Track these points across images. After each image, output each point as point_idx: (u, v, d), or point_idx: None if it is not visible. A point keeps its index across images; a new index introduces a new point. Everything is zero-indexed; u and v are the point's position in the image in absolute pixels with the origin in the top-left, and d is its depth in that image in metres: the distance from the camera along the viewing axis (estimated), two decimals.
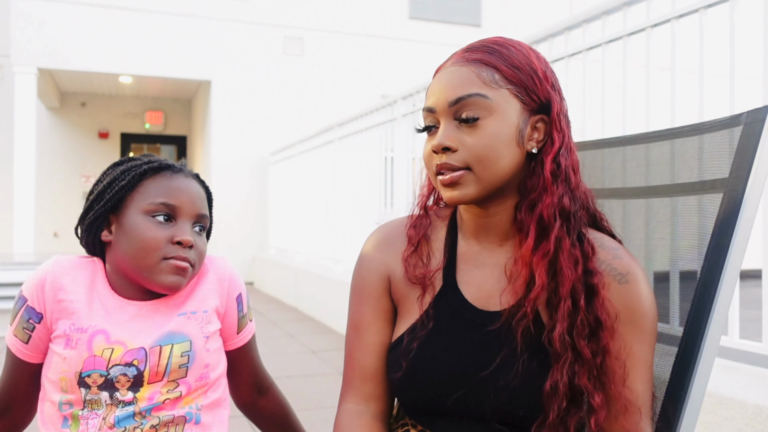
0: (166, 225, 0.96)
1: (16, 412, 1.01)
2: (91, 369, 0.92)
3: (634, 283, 0.85)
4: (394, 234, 0.98)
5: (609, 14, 2.54)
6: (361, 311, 0.96)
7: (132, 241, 0.95)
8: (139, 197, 0.97)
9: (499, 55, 0.85)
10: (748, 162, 0.91)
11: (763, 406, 1.64)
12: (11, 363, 0.99)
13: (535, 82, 0.85)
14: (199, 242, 0.99)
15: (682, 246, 1.00)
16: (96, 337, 0.93)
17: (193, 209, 0.99)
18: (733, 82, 2.05)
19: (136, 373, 0.93)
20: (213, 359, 1.01)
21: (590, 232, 0.89)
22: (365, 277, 0.97)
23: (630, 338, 0.84)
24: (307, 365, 3.79)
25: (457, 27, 9.34)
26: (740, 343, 1.97)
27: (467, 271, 0.92)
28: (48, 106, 9.68)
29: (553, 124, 0.86)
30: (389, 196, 4.92)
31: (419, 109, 4.32)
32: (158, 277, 0.95)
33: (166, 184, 0.98)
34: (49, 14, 7.72)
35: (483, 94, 0.83)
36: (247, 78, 8.44)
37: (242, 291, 1.09)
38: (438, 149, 0.85)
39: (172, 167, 1.01)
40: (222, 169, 8.34)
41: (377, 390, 0.95)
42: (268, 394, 1.16)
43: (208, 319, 1.01)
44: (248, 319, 1.10)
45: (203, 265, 1.05)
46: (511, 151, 0.84)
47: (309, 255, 6.46)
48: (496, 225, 0.90)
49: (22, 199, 7.45)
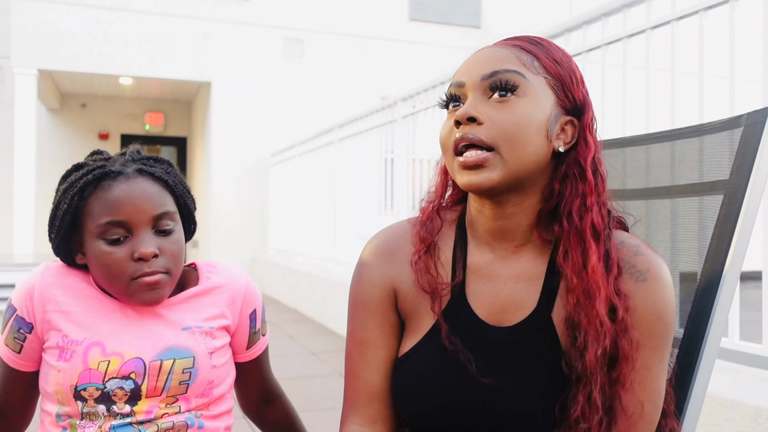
0: (123, 243, 0.88)
1: (12, 420, 0.98)
2: (87, 382, 0.88)
3: (652, 282, 0.80)
4: (396, 241, 0.91)
5: (609, 16, 2.54)
6: (365, 327, 0.89)
7: (97, 268, 0.90)
8: (89, 220, 0.90)
9: (541, 47, 0.83)
10: (749, 163, 0.90)
11: (763, 407, 1.64)
12: (4, 372, 0.95)
13: (573, 81, 0.82)
14: (166, 245, 0.91)
15: (682, 247, 1.00)
16: (92, 350, 0.89)
17: (145, 214, 0.89)
18: (733, 83, 2.05)
19: (133, 387, 0.89)
20: (219, 375, 0.95)
21: (614, 232, 0.84)
22: (368, 291, 0.89)
23: None
24: (308, 367, 3.78)
25: (457, 28, 9.34)
26: (740, 345, 1.97)
27: (479, 282, 0.85)
28: (48, 108, 9.68)
29: (587, 129, 0.82)
30: (389, 197, 4.91)
31: (419, 110, 4.32)
32: (134, 298, 0.90)
33: (106, 199, 0.89)
34: (49, 16, 7.72)
35: (521, 72, 0.79)
36: (247, 79, 8.45)
37: (257, 306, 1.03)
38: (463, 119, 0.78)
39: (109, 174, 0.90)
40: (222, 171, 8.34)
41: (384, 411, 0.89)
42: (275, 404, 1.11)
43: (215, 335, 0.96)
44: (261, 334, 1.05)
45: (220, 276, 1.00)
46: (540, 140, 0.79)
47: (309, 256, 6.45)
48: (512, 228, 0.83)
49: (22, 200, 7.44)
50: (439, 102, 0.87)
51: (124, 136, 10.26)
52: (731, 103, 2.01)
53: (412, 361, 0.86)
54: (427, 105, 4.17)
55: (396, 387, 0.87)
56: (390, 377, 0.88)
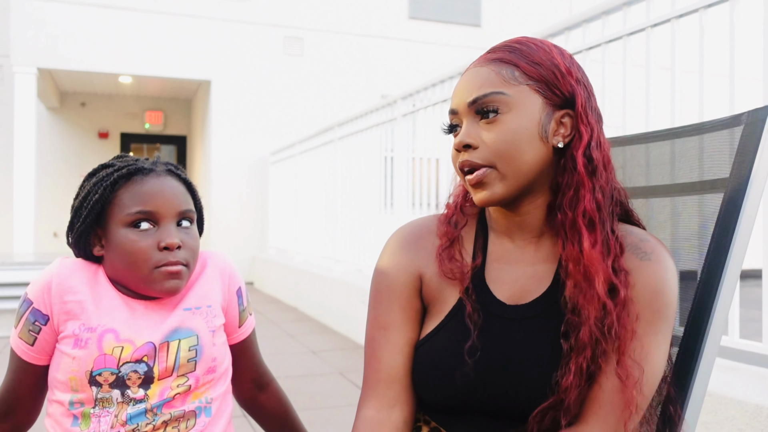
0: (149, 232, 0.95)
1: (20, 414, 1.01)
2: (102, 367, 0.93)
3: (656, 262, 0.84)
4: (421, 233, 0.97)
5: (609, 14, 2.54)
6: (390, 310, 0.93)
7: (120, 256, 0.95)
8: (117, 209, 0.96)
9: (520, 52, 0.86)
10: (749, 162, 0.91)
11: (764, 405, 1.64)
12: (15, 365, 0.99)
13: (557, 77, 0.85)
14: (187, 239, 0.98)
15: (682, 246, 1.00)
16: (106, 336, 0.94)
17: (173, 208, 0.97)
18: (734, 81, 2.05)
19: (146, 370, 0.94)
20: (220, 353, 1.02)
21: (620, 225, 0.88)
22: (394, 277, 0.94)
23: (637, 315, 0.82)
24: (307, 365, 3.79)
25: (456, 27, 9.34)
26: (741, 343, 1.97)
27: (499, 269, 0.91)
28: (48, 106, 9.67)
29: (578, 118, 0.85)
30: (389, 196, 4.92)
31: (419, 109, 4.32)
32: (154, 286, 0.95)
33: (139, 191, 0.96)
34: (49, 14, 7.72)
35: (500, 91, 0.84)
36: (246, 78, 8.44)
37: (241, 285, 1.10)
38: (459, 147, 0.86)
39: (142, 170, 0.98)
40: (222, 169, 8.34)
41: (403, 394, 0.92)
42: (268, 389, 1.17)
43: (213, 312, 1.02)
44: (248, 312, 1.11)
45: (203, 260, 1.06)
46: (535, 146, 0.84)
47: (309, 255, 6.46)
48: (528, 223, 0.89)
49: (22, 200, 7.44)
50: (442, 129, 0.93)
51: (123, 134, 10.26)
52: (731, 102, 2.01)
53: (434, 342, 0.90)
54: (427, 103, 4.16)
55: (417, 367, 0.91)
56: (411, 360, 0.92)
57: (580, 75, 0.87)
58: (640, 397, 0.81)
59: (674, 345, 0.93)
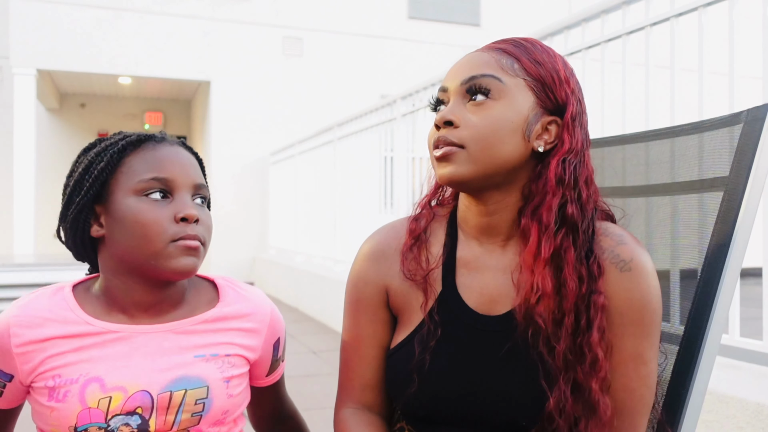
0: (164, 202, 0.82)
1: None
2: (87, 423, 0.78)
3: (636, 271, 0.81)
4: (389, 242, 0.94)
5: (608, 13, 2.54)
6: (359, 322, 0.93)
7: (130, 229, 0.80)
8: (125, 178, 0.82)
9: (524, 48, 0.85)
10: (749, 160, 0.91)
11: (764, 404, 1.64)
12: None
13: (555, 81, 0.84)
14: (204, 216, 0.85)
15: (682, 244, 1.00)
16: (89, 387, 0.79)
17: (190, 179, 0.85)
18: (733, 80, 2.05)
19: (140, 423, 0.80)
20: (234, 404, 0.87)
21: (598, 222, 0.86)
22: (361, 288, 0.94)
23: (622, 330, 0.81)
24: (308, 365, 3.79)
25: (456, 27, 9.34)
26: (741, 342, 1.97)
27: (468, 275, 0.89)
28: (47, 107, 9.67)
29: (565, 127, 0.83)
30: (389, 196, 4.91)
31: (418, 108, 4.32)
32: (169, 263, 0.80)
33: (153, 156, 0.84)
34: (48, 15, 7.72)
35: (497, 76, 0.82)
36: (246, 78, 8.44)
37: (281, 335, 0.96)
38: (440, 123, 0.83)
39: (153, 137, 0.86)
40: (222, 170, 8.34)
41: (377, 399, 0.94)
42: (288, 422, 1.06)
43: (232, 362, 0.87)
44: (281, 360, 0.98)
45: (240, 302, 0.92)
46: (515, 141, 0.82)
47: (309, 255, 6.45)
48: (497, 225, 0.87)
49: (22, 201, 7.44)
50: (429, 104, 0.91)
51: None
52: (731, 100, 2.01)
53: (405, 351, 0.89)
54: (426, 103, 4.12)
55: (389, 376, 0.91)
56: (383, 370, 0.93)
57: (577, 90, 0.87)
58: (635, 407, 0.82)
59: (674, 344, 0.93)
